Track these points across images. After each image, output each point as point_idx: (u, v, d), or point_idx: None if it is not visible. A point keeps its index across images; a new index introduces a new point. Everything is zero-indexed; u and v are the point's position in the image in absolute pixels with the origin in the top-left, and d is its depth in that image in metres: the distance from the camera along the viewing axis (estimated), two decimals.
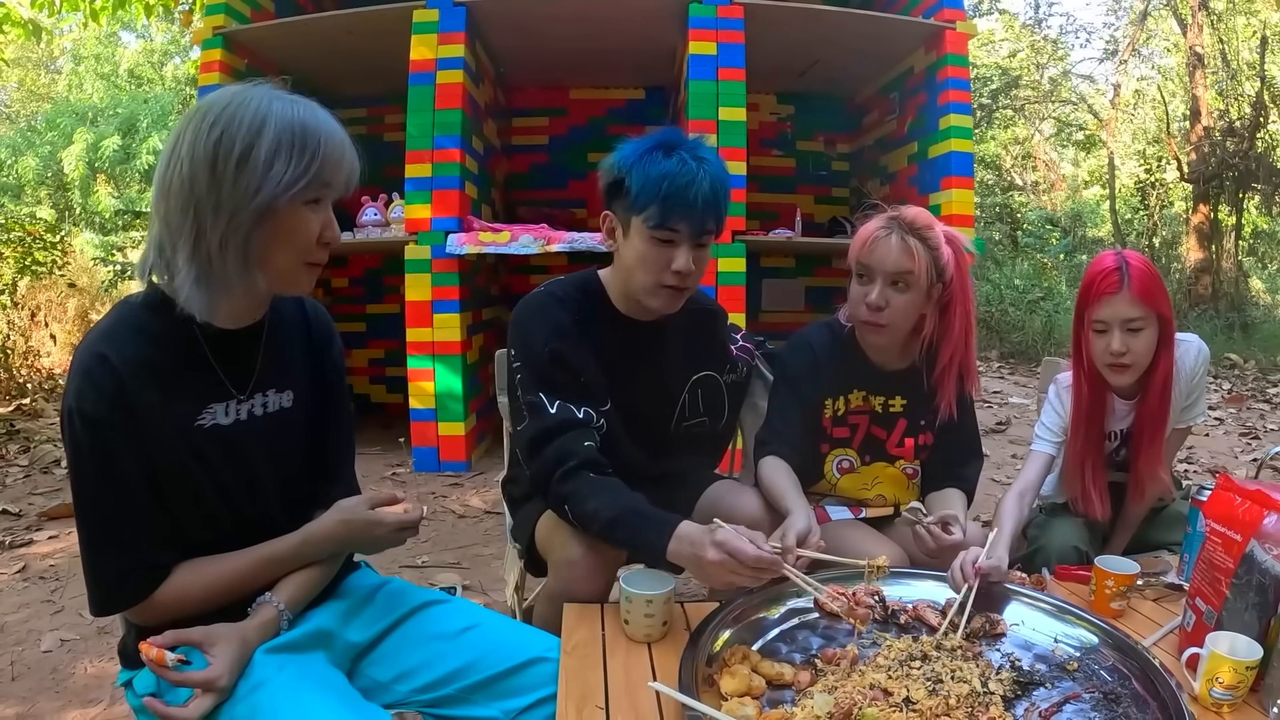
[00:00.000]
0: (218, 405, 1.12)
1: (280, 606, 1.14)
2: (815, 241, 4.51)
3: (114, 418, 1.02)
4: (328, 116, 1.08)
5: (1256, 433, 5.49)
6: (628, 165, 1.47)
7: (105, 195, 10.24)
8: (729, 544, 1.25)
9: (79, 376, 1.02)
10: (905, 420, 1.80)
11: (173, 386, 1.07)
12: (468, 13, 4.04)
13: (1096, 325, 1.73)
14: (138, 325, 1.07)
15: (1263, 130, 11.15)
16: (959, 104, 4.20)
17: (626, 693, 1.10)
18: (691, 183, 1.42)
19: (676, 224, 1.45)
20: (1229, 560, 1.20)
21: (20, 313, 6.45)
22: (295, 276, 1.11)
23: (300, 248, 1.08)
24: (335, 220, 1.12)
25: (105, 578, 1.07)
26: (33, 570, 2.93)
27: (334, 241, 1.12)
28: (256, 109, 1.01)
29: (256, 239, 1.03)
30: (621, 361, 1.61)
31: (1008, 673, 1.16)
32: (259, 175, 1.00)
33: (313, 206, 1.07)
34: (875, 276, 1.64)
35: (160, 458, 1.06)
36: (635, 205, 1.46)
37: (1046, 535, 1.86)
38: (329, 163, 1.05)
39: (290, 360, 1.23)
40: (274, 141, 1.00)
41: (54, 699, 2.09)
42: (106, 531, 1.06)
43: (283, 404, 1.21)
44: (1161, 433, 1.80)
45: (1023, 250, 13.11)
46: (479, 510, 3.57)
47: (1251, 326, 9.98)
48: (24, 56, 15.31)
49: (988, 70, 15.19)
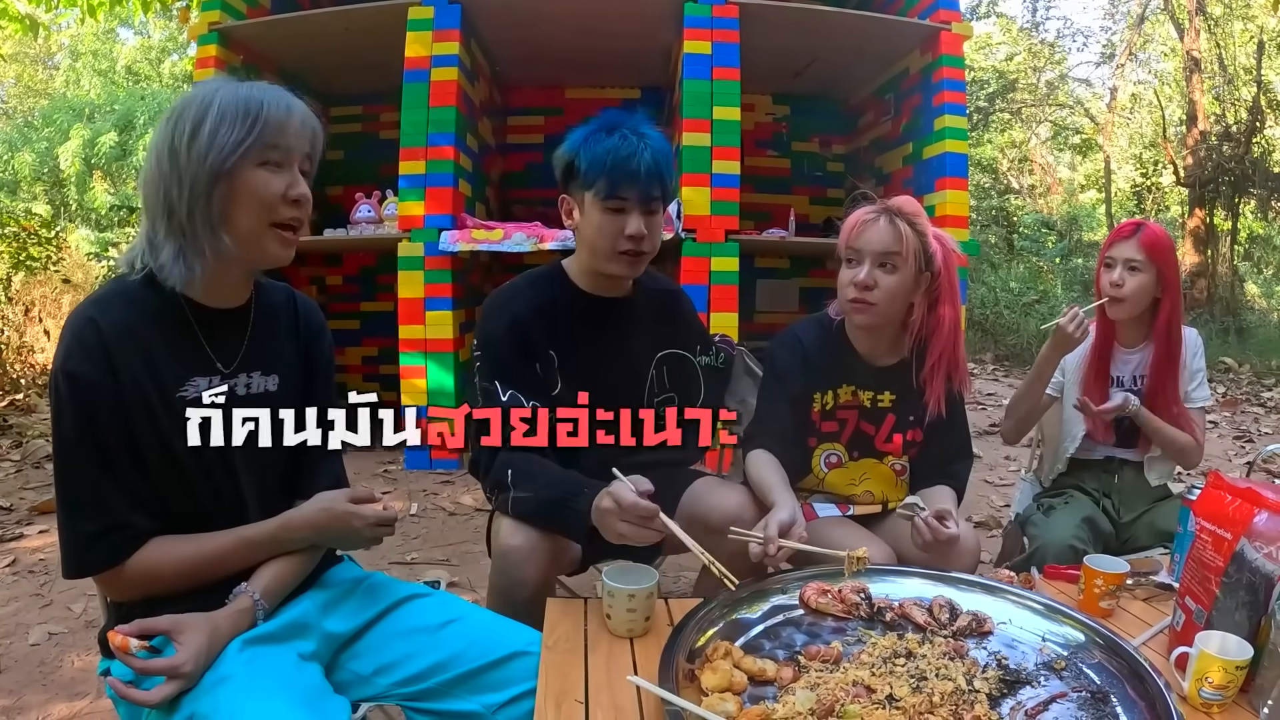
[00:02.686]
0: (201, 378, 1.15)
1: (256, 597, 1.14)
2: (809, 241, 4.50)
3: (98, 378, 1.05)
4: (276, 90, 1.15)
5: (1250, 436, 5.50)
6: (576, 148, 1.60)
7: (101, 191, 10.23)
8: (616, 492, 1.33)
9: (68, 338, 1.07)
10: (894, 416, 1.80)
11: (158, 355, 1.11)
12: (463, 10, 4.04)
13: (1106, 260, 2.07)
14: (129, 296, 1.12)
15: (1259, 135, 11.18)
16: (954, 105, 4.19)
17: (607, 687, 1.09)
18: (633, 154, 1.55)
19: (624, 192, 1.57)
20: (1219, 559, 1.19)
21: (14, 308, 6.43)
22: (262, 239, 1.14)
23: (263, 206, 1.13)
24: (302, 181, 1.16)
25: (79, 538, 1.08)
26: (22, 564, 2.92)
27: (303, 200, 1.16)
28: (205, 93, 1.11)
29: (218, 202, 1.10)
30: (586, 338, 1.67)
31: (994, 671, 1.15)
32: (206, 143, 1.08)
33: (270, 169, 1.13)
34: (864, 259, 1.67)
35: (141, 423, 1.09)
36: (586, 181, 1.58)
37: (1045, 534, 1.89)
38: (271, 124, 1.11)
39: (277, 347, 1.26)
40: (219, 113, 1.09)
41: (41, 692, 2.09)
42: (83, 491, 1.08)
43: (267, 387, 1.23)
44: (1173, 374, 2.06)
45: (1018, 253, 13.13)
46: (469, 508, 3.56)
47: (1246, 331, 10.01)
48: (21, 52, 15.29)
49: (985, 73, 15.22)
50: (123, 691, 1.02)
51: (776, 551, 1.39)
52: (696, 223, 3.90)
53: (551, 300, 1.67)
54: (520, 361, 1.61)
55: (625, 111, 1.64)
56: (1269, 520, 1.16)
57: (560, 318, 1.65)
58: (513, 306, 1.63)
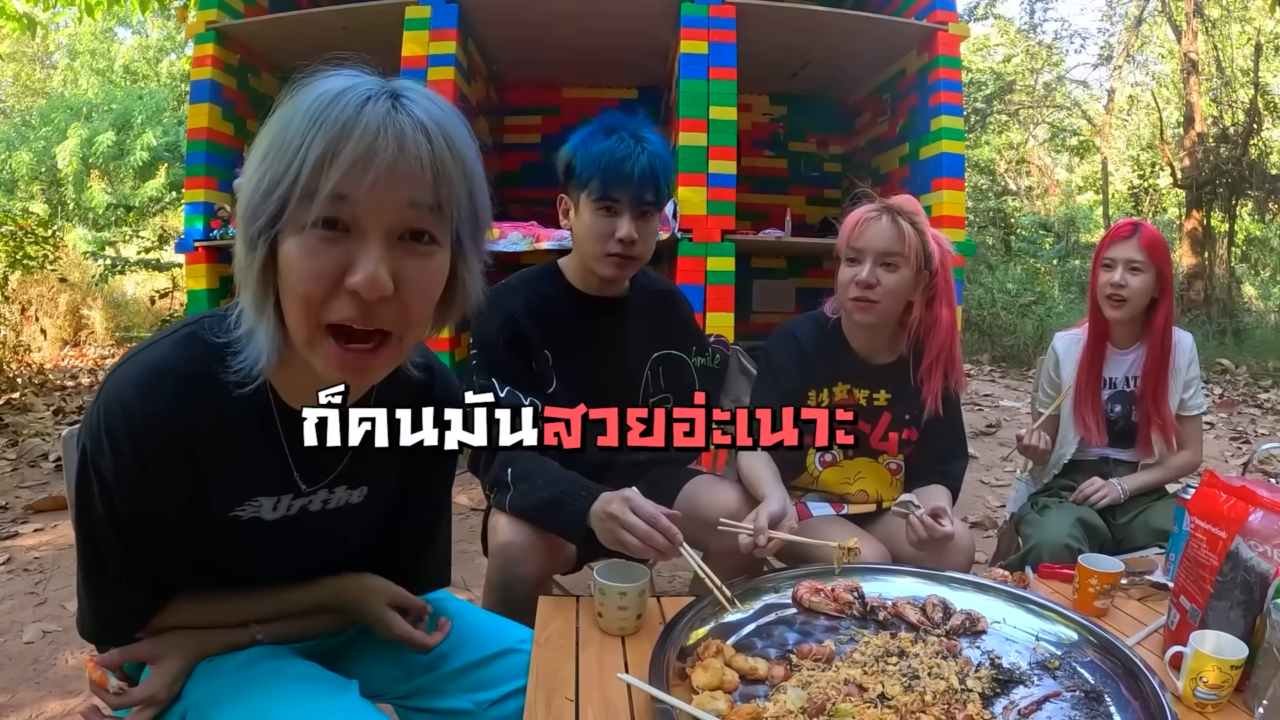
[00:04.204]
0: (267, 499, 0.94)
1: (258, 636, 1.05)
2: (805, 241, 4.49)
3: (127, 482, 0.85)
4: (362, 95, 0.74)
5: (1247, 437, 5.51)
6: (574, 149, 1.61)
7: (99, 191, 10.20)
8: (634, 500, 1.32)
9: (98, 420, 0.84)
10: (890, 414, 1.80)
11: (216, 465, 0.88)
12: (460, 10, 4.02)
13: (1105, 261, 2.05)
14: (191, 374, 0.84)
15: (1256, 137, 11.19)
16: (951, 105, 4.18)
17: (597, 685, 1.08)
18: (628, 157, 1.55)
19: (617, 194, 1.57)
20: (1214, 557, 1.18)
21: (11, 306, 6.43)
22: (311, 345, 0.79)
23: (298, 297, 0.75)
24: (373, 256, 0.74)
25: (99, 617, 0.96)
26: (17, 562, 2.92)
27: (363, 290, 0.74)
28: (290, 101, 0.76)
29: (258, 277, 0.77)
30: (581, 336, 1.67)
31: (987, 670, 1.14)
32: (249, 184, 0.76)
33: (323, 236, 0.74)
34: (865, 258, 1.67)
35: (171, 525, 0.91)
36: (580, 182, 1.59)
37: (1040, 532, 1.89)
38: (314, 161, 0.72)
39: (388, 454, 0.93)
40: (270, 141, 0.75)
41: (35, 689, 2.09)
42: (105, 572, 0.92)
43: (350, 500, 1.04)
44: (1165, 376, 2.06)
45: (1016, 255, 13.12)
46: (465, 508, 3.55)
47: (1244, 332, 10.01)
48: (19, 51, 15.26)
49: (982, 75, 15.22)
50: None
51: (766, 543, 1.39)
52: (693, 222, 3.90)
53: (546, 299, 1.67)
54: (516, 359, 1.61)
55: (627, 114, 1.65)
56: (1264, 519, 1.16)
57: (555, 316, 1.66)
58: (507, 304, 1.63)
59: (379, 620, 1.11)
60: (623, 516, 1.32)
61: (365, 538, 1.14)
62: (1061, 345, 2.22)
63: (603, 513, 1.36)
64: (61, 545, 3.06)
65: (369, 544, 1.16)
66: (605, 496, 1.38)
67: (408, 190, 0.74)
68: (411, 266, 0.76)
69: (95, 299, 8.69)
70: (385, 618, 1.10)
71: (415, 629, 1.13)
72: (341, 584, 1.11)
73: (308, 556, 1.07)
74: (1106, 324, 2.10)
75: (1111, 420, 2.13)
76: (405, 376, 0.98)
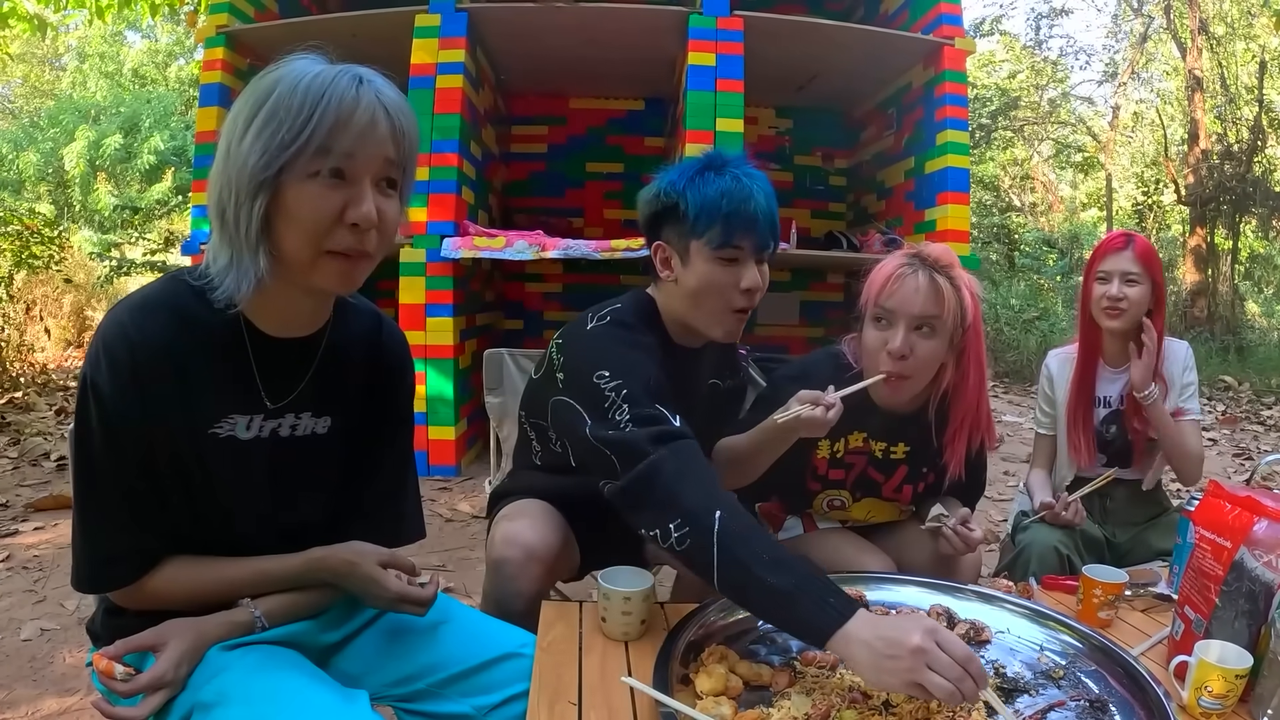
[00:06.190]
0: (240, 416, 1.04)
1: (257, 613, 1.07)
2: (810, 254, 4.50)
3: (121, 398, 0.96)
4: (355, 76, 0.95)
5: (1250, 453, 5.50)
6: (679, 189, 1.41)
7: (105, 193, 10.25)
8: (940, 634, 0.98)
9: (98, 344, 0.96)
10: (906, 467, 1.67)
11: (196, 383, 1.00)
12: (469, 19, 4.06)
13: (1100, 275, 2.00)
14: (179, 307, 0.99)
15: (1260, 154, 11.23)
16: (956, 120, 4.20)
17: (600, 690, 1.07)
18: (749, 198, 1.38)
19: (740, 241, 1.39)
20: (1218, 567, 1.18)
21: (15, 306, 6.44)
22: (311, 268, 0.97)
23: (310, 229, 0.95)
24: (369, 198, 0.95)
25: (94, 559, 1.02)
26: (17, 560, 2.92)
27: (363, 222, 0.95)
28: (275, 75, 0.94)
29: (259, 217, 0.93)
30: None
31: (991, 679, 1.14)
32: (250, 143, 0.91)
33: (325, 181, 0.94)
34: (898, 320, 1.48)
35: (165, 453, 1.00)
36: (695, 229, 1.39)
37: (1030, 537, 1.89)
38: (326, 124, 0.91)
39: (342, 384, 1.13)
40: (274, 104, 0.92)
41: (32, 687, 2.09)
42: (101, 510, 1.00)
43: (315, 429, 1.12)
44: (1162, 389, 1.99)
45: (1019, 271, 13.14)
46: (466, 515, 3.55)
47: (1247, 350, 10.01)
48: (29, 52, 15.38)
49: (987, 91, 15.27)
50: (108, 711, 0.97)
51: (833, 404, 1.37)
52: None
53: (654, 343, 1.47)
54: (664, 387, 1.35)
55: (722, 150, 1.49)
56: (1269, 529, 1.16)
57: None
58: (641, 339, 1.43)
59: (373, 580, 1.10)
60: (931, 653, 0.97)
61: (339, 485, 1.18)
62: (1055, 364, 2.17)
63: (887, 639, 1.00)
64: (61, 544, 3.06)
65: (343, 498, 1.18)
66: (902, 625, 1.02)
67: (388, 149, 0.97)
68: (386, 205, 0.99)
69: (100, 300, 8.70)
70: (379, 577, 1.10)
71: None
72: (331, 550, 1.12)
73: (286, 493, 1.11)
74: (1098, 341, 2.05)
75: (1108, 440, 2.08)
76: (354, 309, 1.18)
